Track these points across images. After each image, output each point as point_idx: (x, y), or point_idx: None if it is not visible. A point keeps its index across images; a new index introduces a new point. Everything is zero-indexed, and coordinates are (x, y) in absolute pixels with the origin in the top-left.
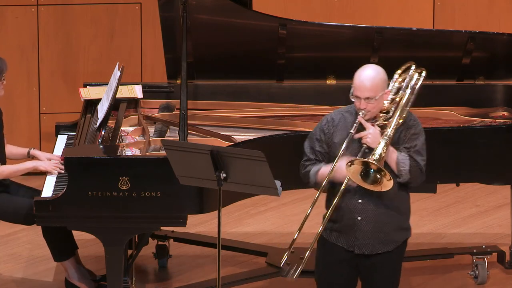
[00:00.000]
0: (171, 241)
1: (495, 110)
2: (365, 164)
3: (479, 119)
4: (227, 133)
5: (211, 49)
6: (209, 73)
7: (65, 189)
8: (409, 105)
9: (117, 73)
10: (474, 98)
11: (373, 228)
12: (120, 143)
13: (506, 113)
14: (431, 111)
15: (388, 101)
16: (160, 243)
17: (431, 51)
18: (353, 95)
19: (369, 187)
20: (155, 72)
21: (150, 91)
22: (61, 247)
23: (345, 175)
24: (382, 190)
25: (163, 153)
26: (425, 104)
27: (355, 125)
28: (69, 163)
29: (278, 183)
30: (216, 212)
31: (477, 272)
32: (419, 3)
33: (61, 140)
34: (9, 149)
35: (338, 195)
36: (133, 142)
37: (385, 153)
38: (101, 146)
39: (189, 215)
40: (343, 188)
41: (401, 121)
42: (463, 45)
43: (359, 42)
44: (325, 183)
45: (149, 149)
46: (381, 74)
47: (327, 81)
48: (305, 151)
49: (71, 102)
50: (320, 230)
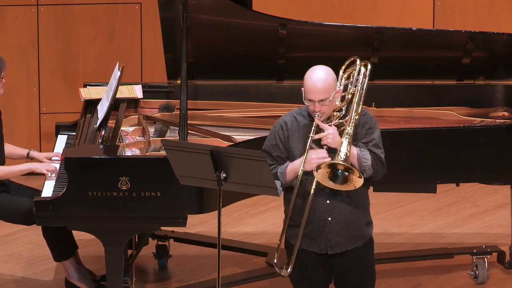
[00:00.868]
0: (171, 241)
1: (495, 110)
2: (332, 165)
3: (479, 119)
4: (227, 133)
5: (211, 49)
6: (209, 73)
7: (65, 189)
8: (362, 100)
9: (117, 73)
10: (474, 98)
11: (344, 226)
12: (120, 143)
13: (506, 113)
14: (431, 111)
15: (338, 100)
16: (160, 243)
17: (431, 51)
18: (306, 99)
19: (341, 187)
20: (155, 72)
21: (150, 91)
22: (61, 247)
23: (313, 165)
24: (354, 188)
25: (163, 153)
26: (425, 104)
27: (313, 128)
28: (69, 163)
29: (278, 183)
30: (216, 212)
31: (477, 272)
32: (419, 3)
33: (61, 140)
34: (8, 149)
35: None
36: (133, 142)
37: (349, 151)
38: (101, 146)
39: (189, 215)
40: (312, 190)
41: (357, 117)
42: (463, 45)
43: (359, 42)
44: (300, 175)
45: (149, 149)
46: (331, 74)
47: None
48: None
49: (71, 102)
50: (283, 235)
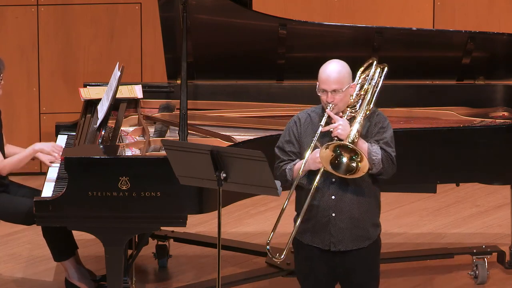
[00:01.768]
0: (171, 241)
1: (495, 110)
2: (338, 150)
3: (479, 119)
4: (227, 133)
5: (211, 49)
6: (209, 73)
7: (65, 189)
8: (375, 98)
9: (117, 73)
10: (474, 98)
11: (348, 223)
12: (120, 143)
13: (506, 113)
14: (431, 111)
15: (353, 96)
16: (160, 243)
17: (431, 51)
18: (319, 89)
19: (345, 175)
20: (155, 72)
21: (150, 91)
22: (61, 247)
23: (318, 164)
24: (359, 174)
25: (163, 153)
26: (425, 104)
27: (324, 118)
28: (69, 163)
29: (278, 183)
30: (216, 212)
31: (477, 272)
32: (419, 3)
33: (61, 140)
34: (8, 149)
35: (311, 192)
36: (133, 142)
37: (357, 138)
38: (101, 146)
39: (189, 215)
40: (316, 183)
41: (368, 112)
42: (463, 45)
43: (359, 42)
44: (301, 174)
45: (149, 149)
46: (346, 67)
47: None
48: (278, 155)
49: (71, 102)
50: (293, 233)
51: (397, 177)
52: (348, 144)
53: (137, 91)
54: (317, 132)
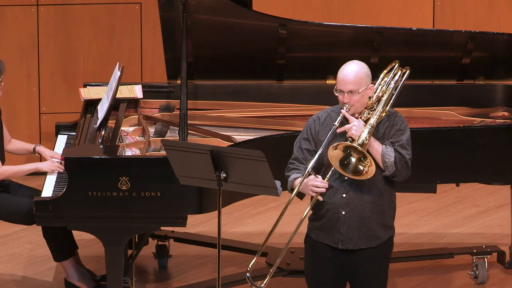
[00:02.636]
0: (171, 241)
1: (495, 110)
2: (347, 150)
3: (479, 119)
4: (227, 133)
5: (211, 49)
6: (209, 73)
7: (65, 189)
8: (392, 100)
9: (117, 73)
10: (474, 98)
11: (357, 222)
12: (120, 143)
13: (506, 113)
14: (431, 111)
15: (372, 99)
16: (160, 243)
17: (431, 51)
18: (336, 90)
19: (352, 176)
20: (155, 72)
21: (150, 91)
22: (61, 247)
23: (310, 192)
24: (366, 177)
25: (163, 153)
26: (425, 104)
27: (339, 118)
28: (69, 163)
29: (278, 183)
30: (216, 212)
31: (477, 272)
32: (419, 3)
33: (61, 140)
34: (15, 144)
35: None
36: (133, 142)
37: (367, 140)
38: (101, 146)
39: (189, 215)
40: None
41: (384, 114)
42: (463, 45)
43: (359, 42)
44: (294, 193)
45: (149, 149)
46: (364, 68)
47: (327, 81)
48: (294, 150)
49: (71, 102)
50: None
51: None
52: (356, 146)
53: (137, 91)
54: (331, 130)
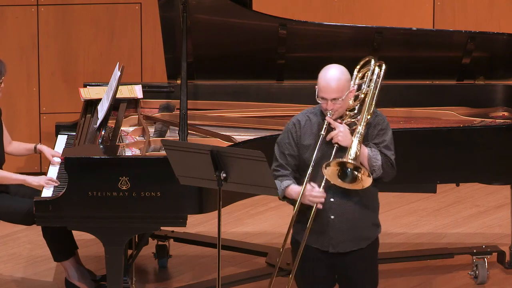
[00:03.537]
0: (171, 241)
1: (495, 110)
2: (341, 164)
3: (479, 119)
4: (227, 133)
5: (211, 49)
6: (209, 73)
7: (65, 189)
8: (375, 100)
9: (117, 73)
10: (474, 98)
11: (347, 225)
12: (120, 143)
13: (506, 113)
14: (431, 111)
15: (351, 99)
16: (160, 243)
17: (431, 51)
18: (319, 97)
19: (349, 186)
20: (155, 72)
21: (150, 91)
22: (61, 247)
23: (312, 200)
24: (362, 187)
25: (163, 153)
26: (425, 104)
27: (325, 126)
28: (69, 163)
29: (278, 183)
30: (216, 212)
31: (477, 272)
32: (419, 3)
33: (61, 140)
34: (15, 146)
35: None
36: (133, 142)
37: (359, 150)
38: (101, 146)
39: (189, 215)
40: (314, 210)
41: (369, 117)
42: (463, 45)
43: (359, 42)
44: (297, 208)
45: (149, 149)
46: (345, 73)
47: None
48: (276, 156)
49: (71, 102)
50: (288, 232)
51: (397, 177)
52: (349, 161)
53: (137, 91)
54: (318, 142)
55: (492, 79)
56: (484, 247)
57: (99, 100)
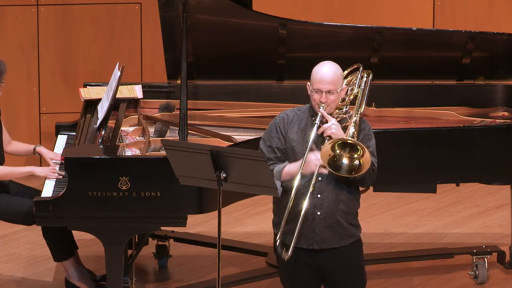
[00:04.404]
0: (171, 241)
1: (495, 110)
2: (337, 150)
3: (479, 119)
4: (227, 133)
5: (211, 49)
6: (209, 73)
7: (65, 189)
8: (365, 99)
9: (117, 73)
10: (474, 98)
11: (331, 221)
12: (120, 143)
13: (506, 113)
14: (431, 111)
15: (339, 99)
16: (160, 243)
17: (431, 51)
18: (313, 89)
19: (350, 175)
20: (155, 72)
21: (150, 91)
22: (61, 247)
23: (314, 170)
24: (364, 170)
25: (163, 153)
26: (425, 104)
27: (318, 117)
28: (69, 163)
29: (278, 183)
30: (216, 212)
31: (477, 272)
32: (419, 3)
33: (61, 140)
34: (15, 146)
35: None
36: (133, 142)
37: (356, 135)
38: (101, 146)
39: (189, 215)
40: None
41: (361, 110)
42: (463, 45)
43: (359, 42)
44: (298, 178)
45: (149, 149)
46: (340, 69)
47: None
48: (264, 152)
49: (71, 102)
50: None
51: (398, 177)
52: (348, 139)
53: (137, 91)
54: (312, 132)
55: (492, 79)
56: (484, 247)
57: (99, 100)
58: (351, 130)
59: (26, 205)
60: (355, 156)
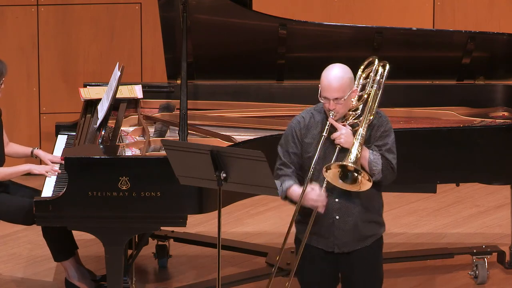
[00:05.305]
0: (171, 241)
1: (495, 110)
2: (342, 166)
3: (479, 119)
4: (227, 133)
5: (211, 49)
6: (209, 73)
7: (65, 189)
8: (377, 101)
9: (117, 73)
10: (474, 98)
11: (351, 226)
12: (120, 143)
13: (506, 113)
14: (431, 111)
15: (355, 99)
16: (160, 243)
17: (431, 51)
18: (321, 96)
19: (349, 187)
20: (155, 72)
21: (150, 91)
22: (61, 247)
23: (313, 203)
24: (361, 190)
25: (163, 153)
26: (425, 104)
27: (327, 127)
28: (69, 163)
29: (278, 183)
30: (216, 212)
31: (477, 272)
32: (419, 3)
33: (61, 140)
34: (13, 148)
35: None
36: (133, 142)
37: (360, 153)
38: (101, 146)
39: (189, 215)
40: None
41: (372, 117)
42: (463, 45)
43: (359, 42)
44: (296, 209)
45: (149, 149)
46: (348, 73)
47: None
48: (280, 155)
49: (71, 102)
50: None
51: (397, 177)
52: (349, 165)
53: (137, 91)
54: (320, 142)
55: (492, 79)
56: (484, 247)
57: (99, 100)
58: (354, 152)
59: (26, 205)
60: (359, 172)
